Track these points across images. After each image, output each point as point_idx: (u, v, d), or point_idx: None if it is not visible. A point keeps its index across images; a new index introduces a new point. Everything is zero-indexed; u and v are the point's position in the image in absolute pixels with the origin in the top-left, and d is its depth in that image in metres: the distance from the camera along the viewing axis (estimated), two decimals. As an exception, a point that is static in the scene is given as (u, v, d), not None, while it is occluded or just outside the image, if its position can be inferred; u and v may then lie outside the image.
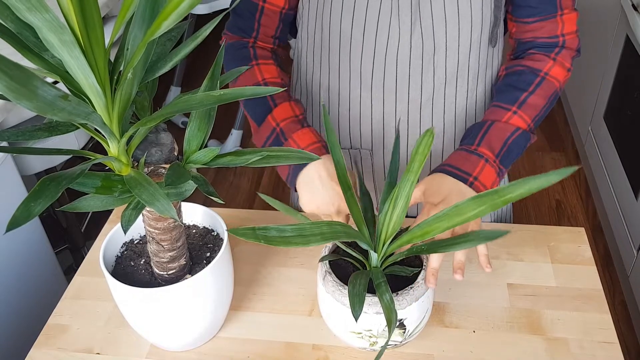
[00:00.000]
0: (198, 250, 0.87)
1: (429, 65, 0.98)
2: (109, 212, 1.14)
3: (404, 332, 0.80)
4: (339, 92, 1.04)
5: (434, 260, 0.81)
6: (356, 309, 0.69)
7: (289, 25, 1.06)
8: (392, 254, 0.80)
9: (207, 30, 0.63)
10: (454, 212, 0.74)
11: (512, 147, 0.95)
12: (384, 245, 0.78)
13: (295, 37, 1.10)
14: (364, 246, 0.77)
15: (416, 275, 0.80)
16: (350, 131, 1.07)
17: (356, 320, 0.69)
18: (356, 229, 0.78)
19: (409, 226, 0.79)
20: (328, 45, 1.00)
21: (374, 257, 0.79)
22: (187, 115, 0.81)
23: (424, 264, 0.81)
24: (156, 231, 0.76)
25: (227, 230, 0.71)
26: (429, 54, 0.97)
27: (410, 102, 1.02)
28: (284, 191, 2.60)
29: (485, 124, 0.96)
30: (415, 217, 1.16)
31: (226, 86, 0.63)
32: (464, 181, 0.90)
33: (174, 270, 0.81)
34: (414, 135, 1.06)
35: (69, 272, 1.92)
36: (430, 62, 0.98)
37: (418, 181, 0.85)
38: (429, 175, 0.92)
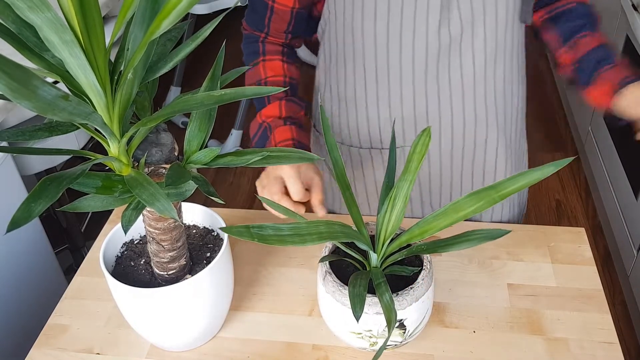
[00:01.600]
0: (198, 250, 0.87)
1: (468, 51, 0.98)
2: (109, 212, 1.14)
3: (404, 333, 0.80)
4: (377, 95, 1.03)
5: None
6: (357, 309, 0.69)
7: (305, 21, 1.05)
8: (392, 253, 0.80)
9: (207, 30, 0.63)
10: (452, 209, 0.75)
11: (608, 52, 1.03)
12: (383, 245, 0.79)
13: (314, 33, 1.10)
14: (363, 247, 0.77)
15: (416, 275, 0.80)
16: (380, 130, 1.07)
17: (357, 320, 0.69)
18: (355, 229, 0.78)
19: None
20: (362, 50, 0.99)
21: (374, 257, 0.79)
22: (188, 115, 0.82)
23: (424, 264, 0.81)
24: (156, 231, 0.76)
25: (221, 228, 0.71)
26: (467, 38, 0.96)
27: (453, 91, 1.01)
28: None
29: (603, 45, 1.03)
30: (413, 217, 1.16)
31: (226, 86, 0.63)
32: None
33: (174, 270, 0.81)
34: (458, 125, 1.05)
35: (69, 272, 1.92)
36: (469, 47, 0.97)
37: (415, 181, 0.85)
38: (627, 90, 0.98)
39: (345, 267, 0.83)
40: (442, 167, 1.10)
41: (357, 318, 0.69)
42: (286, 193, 0.94)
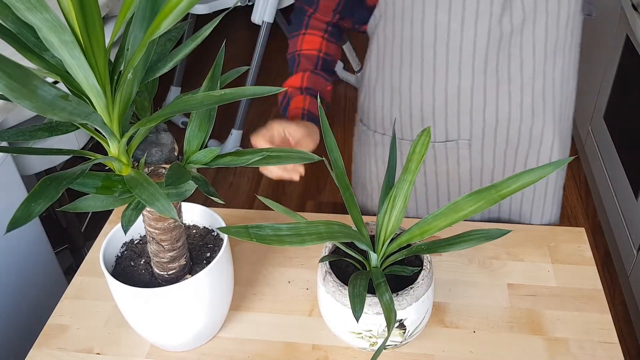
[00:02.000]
0: (198, 250, 0.87)
1: (528, 42, 0.97)
2: (109, 212, 1.14)
3: (404, 333, 0.80)
4: (433, 86, 1.02)
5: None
6: (357, 309, 0.69)
7: (355, 4, 1.06)
8: (392, 253, 0.80)
9: (207, 30, 0.63)
10: (452, 209, 0.75)
11: None
12: (383, 245, 0.78)
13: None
14: (363, 247, 0.77)
15: (416, 275, 0.80)
16: (446, 123, 1.06)
17: (357, 320, 0.69)
18: (355, 229, 0.78)
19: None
20: (421, 41, 0.98)
21: (374, 257, 0.79)
22: (187, 115, 0.82)
23: (424, 264, 0.81)
24: (156, 231, 0.76)
25: (218, 228, 0.71)
26: (528, 29, 0.96)
27: (511, 84, 1.01)
28: (284, 192, 2.60)
29: None
30: (413, 217, 1.16)
31: (226, 86, 0.63)
32: None
33: (174, 270, 0.81)
34: (515, 118, 1.04)
35: (69, 272, 1.92)
36: (530, 38, 0.97)
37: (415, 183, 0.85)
38: None
39: (345, 267, 0.83)
40: (496, 161, 1.09)
41: (357, 318, 0.69)
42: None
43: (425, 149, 0.75)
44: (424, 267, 0.81)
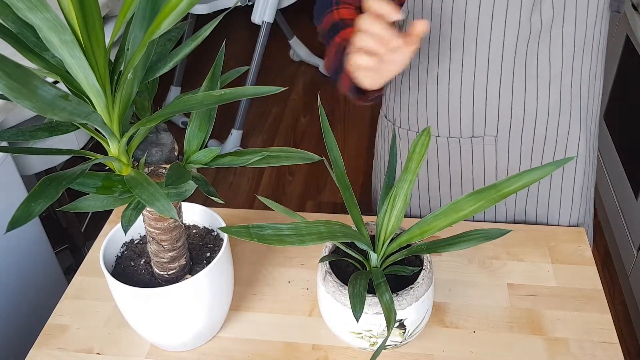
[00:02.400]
0: (198, 250, 0.87)
1: (557, 38, 0.97)
2: (109, 212, 1.14)
3: (404, 333, 0.80)
4: (461, 82, 1.02)
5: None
6: (357, 309, 0.69)
7: None
8: (392, 253, 0.80)
9: (207, 30, 0.63)
10: (452, 209, 0.75)
11: None
12: (383, 245, 0.78)
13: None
14: (363, 246, 0.77)
15: (416, 275, 0.80)
16: (473, 119, 1.05)
17: (357, 320, 0.69)
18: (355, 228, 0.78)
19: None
20: (449, 36, 0.98)
21: (374, 257, 0.79)
22: (187, 115, 0.82)
23: (424, 264, 0.81)
24: (156, 231, 0.76)
25: (219, 228, 0.71)
26: (558, 26, 0.96)
27: (539, 80, 1.00)
28: (284, 192, 2.60)
29: None
30: (414, 217, 1.16)
31: (226, 86, 0.63)
32: None
33: (174, 270, 0.81)
34: (542, 115, 1.04)
35: (69, 272, 1.92)
36: (559, 34, 0.97)
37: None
38: None
39: (345, 267, 0.83)
40: (522, 159, 1.09)
41: (357, 318, 0.69)
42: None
43: (425, 149, 0.75)
44: (424, 267, 0.81)
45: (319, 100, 0.80)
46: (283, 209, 0.75)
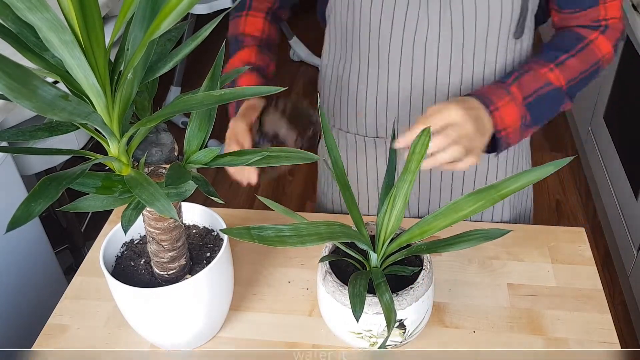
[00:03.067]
0: (198, 250, 0.87)
1: (458, 57, 0.98)
2: (109, 212, 1.14)
3: (404, 332, 0.80)
4: (367, 80, 1.05)
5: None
6: (357, 309, 0.69)
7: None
8: (392, 253, 0.80)
9: (207, 30, 0.63)
10: (452, 208, 0.75)
11: (543, 99, 0.94)
12: (383, 245, 0.78)
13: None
14: (363, 246, 0.77)
15: (416, 275, 0.80)
16: (377, 119, 1.07)
17: (357, 321, 0.69)
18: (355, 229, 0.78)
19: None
20: (359, 34, 1.00)
21: (374, 257, 0.79)
22: (187, 115, 0.81)
23: (424, 264, 0.81)
24: (156, 231, 0.76)
25: (220, 230, 0.72)
26: (457, 46, 0.97)
27: (438, 92, 1.02)
28: (284, 192, 2.60)
29: (520, 70, 0.96)
30: (413, 217, 1.16)
31: (226, 86, 0.63)
32: (486, 107, 0.89)
33: (174, 270, 0.81)
34: None
35: (69, 272, 1.92)
36: (459, 53, 0.97)
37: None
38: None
39: (345, 267, 0.83)
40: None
41: (357, 318, 0.69)
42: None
43: (425, 149, 0.75)
44: (424, 267, 0.81)
45: (318, 100, 0.79)
46: (283, 209, 0.75)
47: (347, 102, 1.10)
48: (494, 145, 0.93)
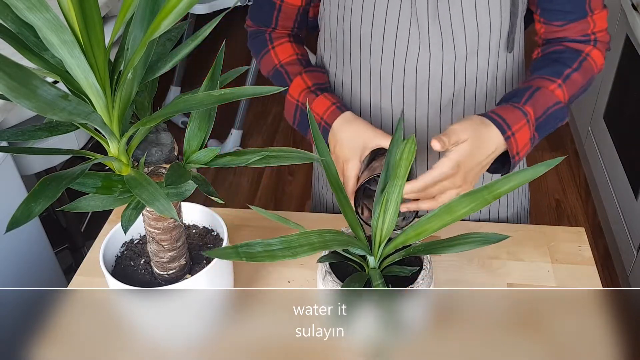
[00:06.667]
0: (198, 250, 0.87)
1: (450, 71, 0.98)
2: (109, 212, 1.14)
3: (404, 332, 0.80)
4: (360, 95, 1.05)
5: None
6: None
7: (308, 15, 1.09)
8: (390, 254, 0.80)
9: (207, 30, 0.63)
10: (445, 210, 0.75)
11: (550, 118, 0.94)
12: (379, 247, 0.79)
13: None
14: (358, 251, 0.77)
15: (416, 275, 0.80)
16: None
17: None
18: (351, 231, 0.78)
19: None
20: (349, 48, 1.00)
21: (371, 260, 0.79)
22: (187, 115, 0.81)
23: (424, 264, 0.81)
24: (156, 231, 0.76)
25: (205, 252, 0.71)
26: (449, 61, 0.97)
27: (430, 106, 1.02)
28: (284, 192, 2.60)
29: (531, 87, 0.95)
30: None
31: (226, 86, 0.63)
32: (503, 132, 0.89)
33: (174, 270, 0.81)
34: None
35: (69, 272, 1.92)
36: (451, 68, 0.98)
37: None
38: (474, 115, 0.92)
39: (345, 267, 0.83)
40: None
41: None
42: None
43: (412, 156, 0.76)
44: (423, 267, 0.81)
45: (307, 107, 0.79)
46: (277, 217, 0.74)
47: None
48: (496, 166, 0.94)
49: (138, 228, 0.89)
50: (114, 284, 0.79)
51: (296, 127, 1.04)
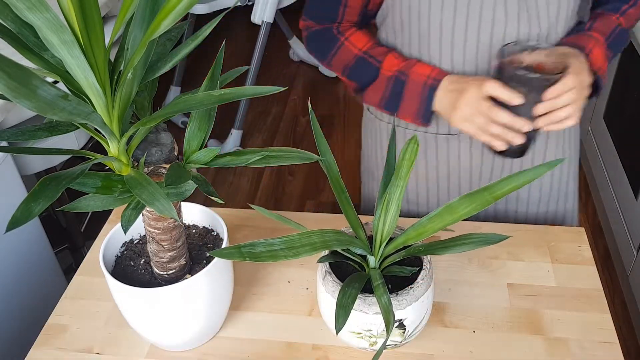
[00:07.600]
0: (198, 250, 0.87)
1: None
2: (109, 212, 1.14)
3: (404, 332, 0.80)
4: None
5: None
6: (340, 321, 0.68)
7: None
8: (390, 254, 0.80)
9: (207, 30, 0.63)
10: (446, 211, 0.75)
11: (618, 36, 1.03)
12: (380, 247, 0.79)
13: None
14: (358, 251, 0.77)
15: (416, 275, 0.80)
16: (438, 117, 1.05)
17: (336, 333, 0.68)
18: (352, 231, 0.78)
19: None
20: (428, 35, 0.98)
21: (371, 260, 0.79)
22: (187, 115, 0.81)
23: (424, 264, 0.81)
24: (156, 231, 0.76)
25: (208, 252, 0.72)
26: (533, 37, 0.97)
27: None
28: (284, 192, 2.60)
29: (592, 15, 1.02)
30: (411, 217, 1.16)
31: (226, 86, 0.63)
32: (581, 50, 0.95)
33: (174, 270, 0.81)
34: None
35: (69, 272, 1.92)
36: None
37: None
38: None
39: (345, 267, 0.83)
40: (496, 158, 1.10)
41: (338, 330, 0.68)
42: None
43: (414, 156, 0.76)
44: (423, 267, 0.81)
45: (309, 105, 0.79)
46: (278, 216, 0.74)
47: None
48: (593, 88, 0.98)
49: (138, 228, 0.89)
50: (113, 284, 0.79)
51: (383, 106, 1.03)
